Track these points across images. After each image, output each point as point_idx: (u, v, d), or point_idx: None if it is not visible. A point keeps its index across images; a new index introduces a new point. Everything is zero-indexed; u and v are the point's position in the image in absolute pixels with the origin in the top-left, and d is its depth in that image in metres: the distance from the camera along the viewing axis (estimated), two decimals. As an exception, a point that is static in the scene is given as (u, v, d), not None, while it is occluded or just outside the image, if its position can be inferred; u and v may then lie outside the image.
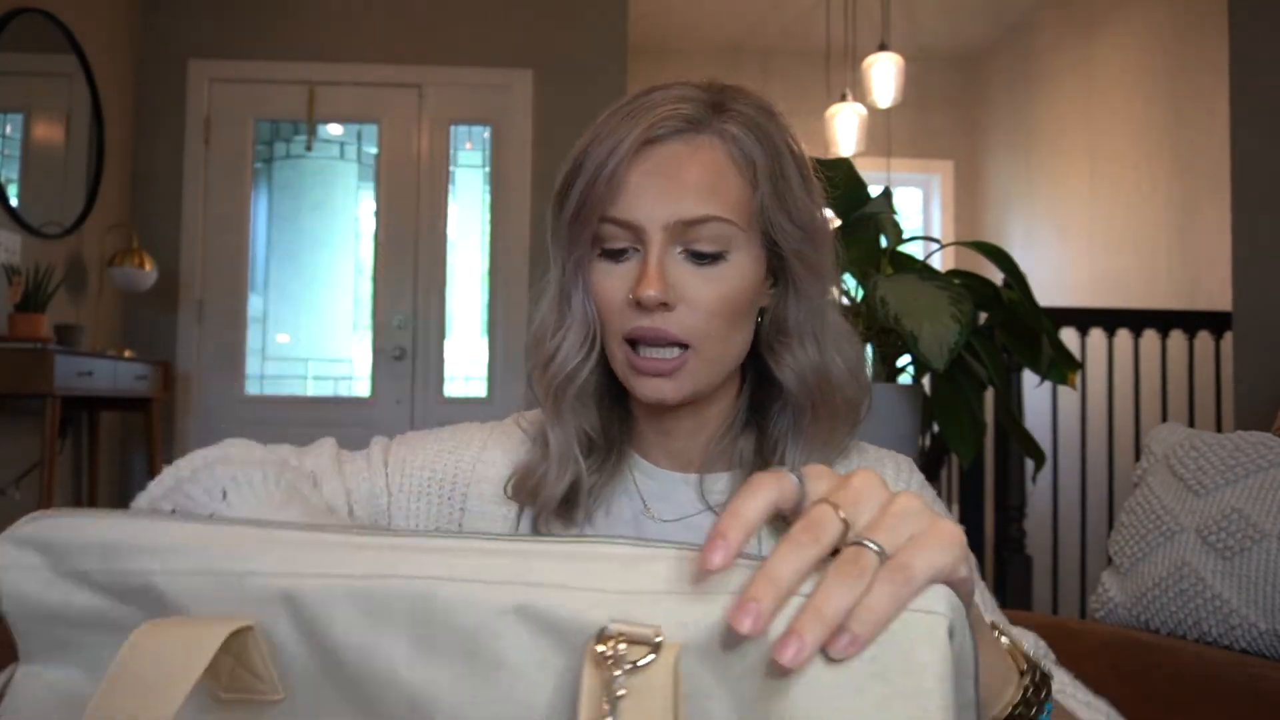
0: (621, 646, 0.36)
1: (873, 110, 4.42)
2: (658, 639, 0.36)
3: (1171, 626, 1.20)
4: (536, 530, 0.75)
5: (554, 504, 0.73)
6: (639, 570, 0.39)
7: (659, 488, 0.76)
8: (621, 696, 0.35)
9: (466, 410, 4.10)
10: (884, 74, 4.10)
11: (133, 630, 0.40)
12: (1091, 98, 4.55)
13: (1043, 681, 0.47)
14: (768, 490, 0.39)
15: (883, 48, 4.11)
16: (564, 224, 0.70)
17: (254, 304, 4.33)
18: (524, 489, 0.75)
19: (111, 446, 4.04)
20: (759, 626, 0.34)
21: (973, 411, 1.71)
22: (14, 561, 0.45)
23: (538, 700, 0.38)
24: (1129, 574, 1.28)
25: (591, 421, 0.74)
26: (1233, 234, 2.33)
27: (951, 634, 0.36)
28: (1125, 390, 3.04)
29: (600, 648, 0.36)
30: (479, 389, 4.24)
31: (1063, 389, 2.52)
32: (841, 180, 1.74)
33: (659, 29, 5.32)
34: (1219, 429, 2.85)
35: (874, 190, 1.76)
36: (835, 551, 0.38)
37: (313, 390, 4.40)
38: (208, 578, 0.41)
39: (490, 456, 0.79)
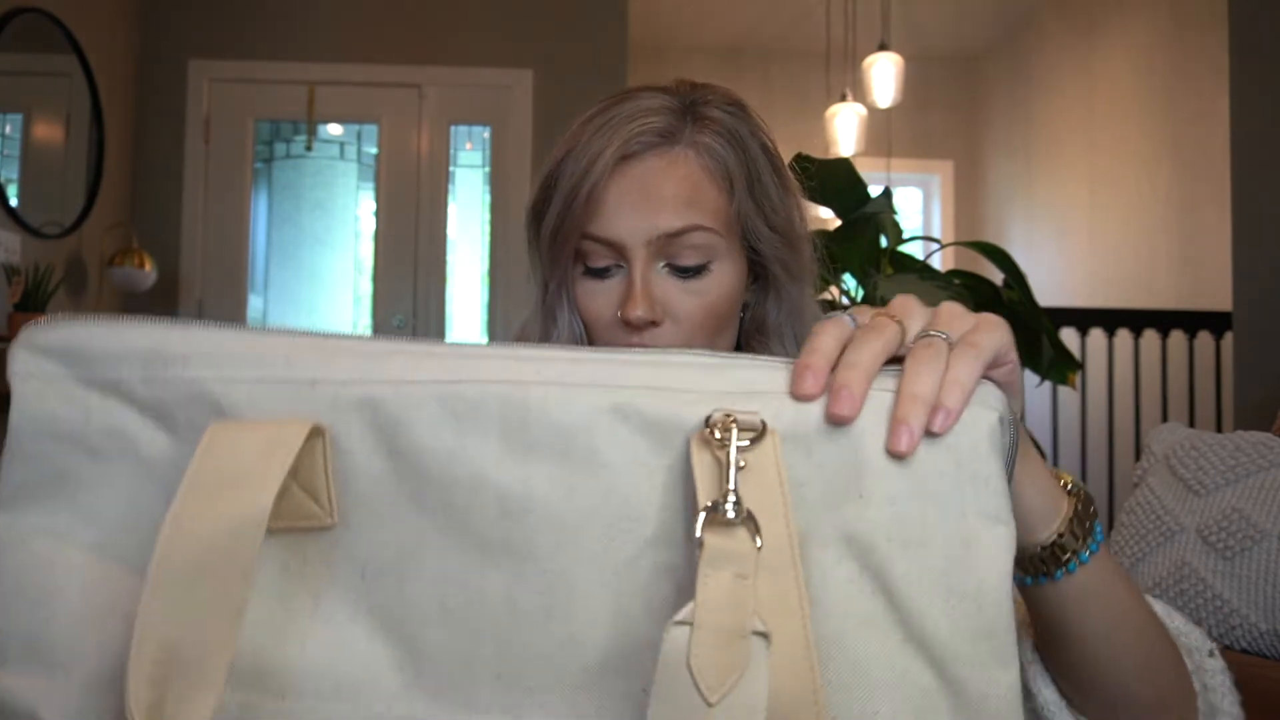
0: (729, 432, 0.37)
1: (873, 110, 4.42)
2: (763, 422, 0.38)
3: (1172, 626, 1.20)
4: None
5: None
6: (727, 375, 0.40)
7: None
8: (742, 468, 0.37)
9: (466, 410, 4.10)
10: (884, 74, 4.10)
11: (154, 455, 0.39)
12: (1091, 98, 4.55)
13: (1088, 502, 0.50)
14: (877, 338, 0.42)
15: (883, 48, 4.11)
16: (544, 241, 0.71)
17: (254, 304, 4.33)
18: None
19: (111, 446, 4.04)
20: (854, 409, 0.39)
21: (973, 411, 1.71)
22: (32, 370, 0.41)
23: (641, 495, 0.39)
24: (1129, 574, 1.28)
25: None
26: (1233, 234, 2.33)
27: (1001, 423, 0.40)
28: (1125, 390, 3.04)
29: (710, 431, 0.38)
30: (479, 389, 4.24)
31: (1063, 389, 2.52)
32: (841, 180, 1.74)
33: (659, 29, 5.32)
34: (1219, 429, 2.84)
35: (874, 190, 1.76)
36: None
37: (313, 390, 4.40)
38: (272, 386, 0.40)
39: None
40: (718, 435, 0.37)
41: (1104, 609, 0.51)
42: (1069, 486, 0.51)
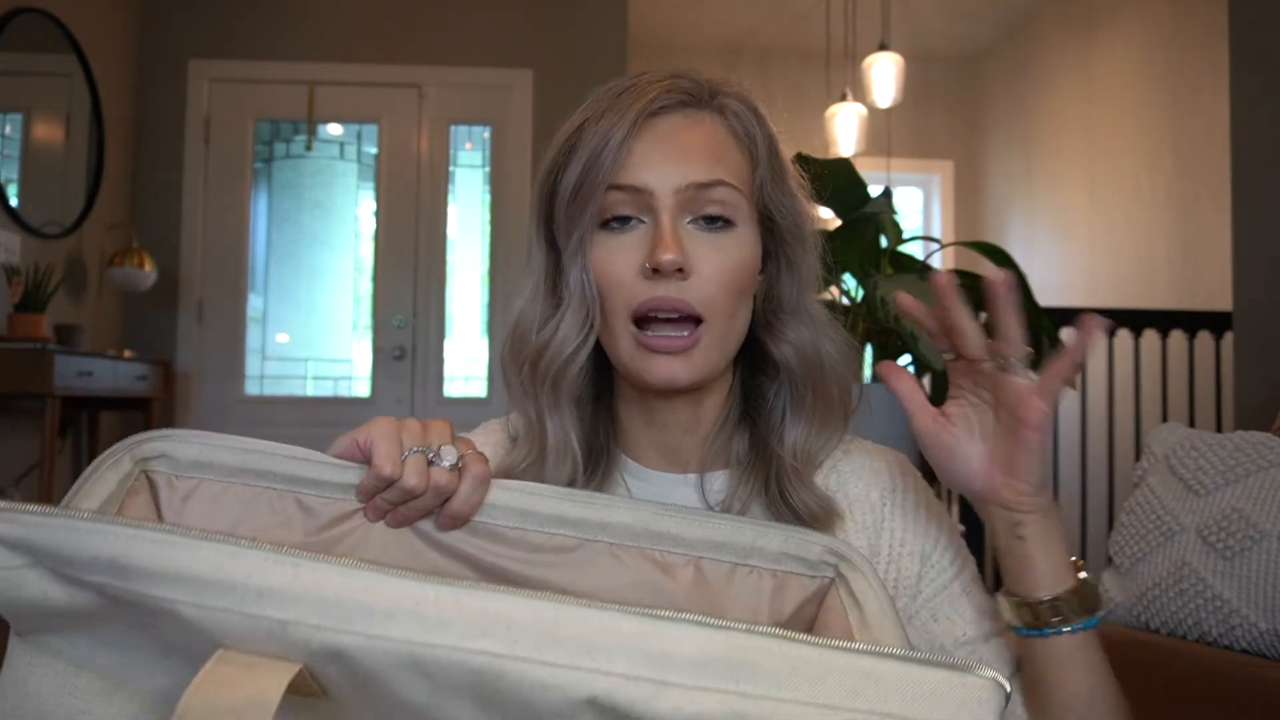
0: None
1: (873, 110, 4.42)
2: None
3: (1172, 626, 1.20)
4: None
5: None
6: (715, 639, 0.39)
7: (654, 490, 0.73)
8: None
9: (466, 410, 4.10)
10: (884, 74, 4.10)
11: (136, 627, 0.40)
12: (1091, 98, 4.55)
13: (1094, 595, 0.61)
14: None
15: (883, 48, 4.11)
16: (562, 203, 0.68)
17: (254, 304, 4.33)
18: None
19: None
20: None
21: (973, 411, 1.71)
22: None
23: None
24: (1129, 574, 1.28)
25: (576, 425, 0.71)
26: (1233, 234, 2.33)
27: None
28: (1125, 390, 3.04)
29: None
30: (479, 389, 4.24)
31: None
32: (841, 180, 1.74)
33: (659, 29, 5.32)
34: (1219, 429, 2.84)
35: (874, 190, 1.76)
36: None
37: (312, 390, 4.40)
38: (243, 618, 0.40)
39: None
40: None
41: (1083, 677, 0.61)
42: (1082, 572, 0.63)
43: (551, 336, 0.69)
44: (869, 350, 1.77)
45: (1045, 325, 1.75)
